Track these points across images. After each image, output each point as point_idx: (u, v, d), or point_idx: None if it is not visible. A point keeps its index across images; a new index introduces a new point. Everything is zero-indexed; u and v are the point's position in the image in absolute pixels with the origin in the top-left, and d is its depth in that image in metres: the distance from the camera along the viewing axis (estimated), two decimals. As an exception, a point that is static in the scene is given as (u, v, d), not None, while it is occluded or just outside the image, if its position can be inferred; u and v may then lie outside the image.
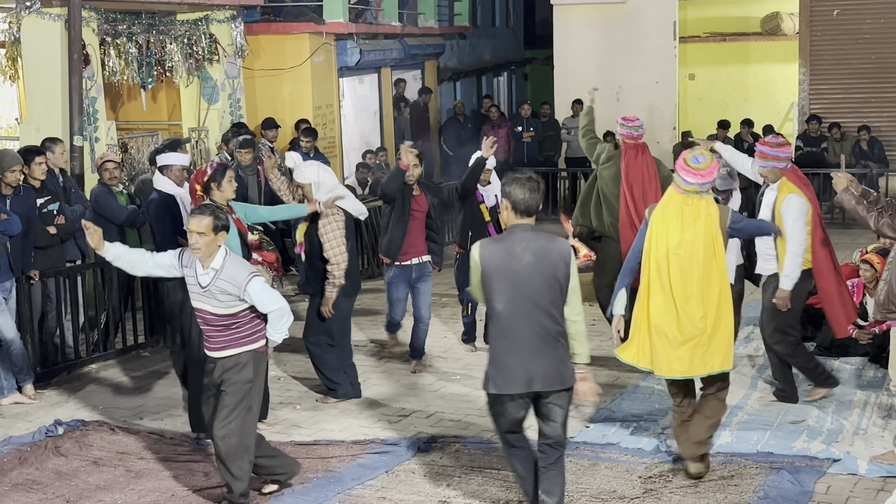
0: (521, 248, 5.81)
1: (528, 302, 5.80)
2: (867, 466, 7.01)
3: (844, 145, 18.16)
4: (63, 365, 9.79)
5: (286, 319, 6.40)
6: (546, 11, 21.84)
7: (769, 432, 7.73)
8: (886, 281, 6.98)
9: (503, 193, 5.94)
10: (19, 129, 12.86)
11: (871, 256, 9.75)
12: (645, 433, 7.80)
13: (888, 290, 6.91)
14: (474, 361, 9.82)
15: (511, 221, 5.91)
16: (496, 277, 5.83)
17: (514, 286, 5.80)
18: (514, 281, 5.80)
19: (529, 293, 5.79)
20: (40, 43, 12.20)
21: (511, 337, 5.84)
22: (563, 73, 19.95)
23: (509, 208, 5.88)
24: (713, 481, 6.82)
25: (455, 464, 7.32)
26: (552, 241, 5.91)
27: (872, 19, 18.79)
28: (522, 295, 5.80)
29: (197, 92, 14.80)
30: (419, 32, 20.35)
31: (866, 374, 9.13)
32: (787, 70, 20.44)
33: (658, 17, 19.34)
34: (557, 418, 5.95)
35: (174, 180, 8.55)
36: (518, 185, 5.84)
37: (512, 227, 5.90)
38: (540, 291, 5.80)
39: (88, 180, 11.68)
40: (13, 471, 7.37)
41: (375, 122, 19.30)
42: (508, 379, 5.84)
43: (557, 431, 5.99)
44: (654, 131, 19.41)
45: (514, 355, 5.83)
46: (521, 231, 5.86)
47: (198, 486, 6.99)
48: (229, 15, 14.80)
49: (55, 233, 9.51)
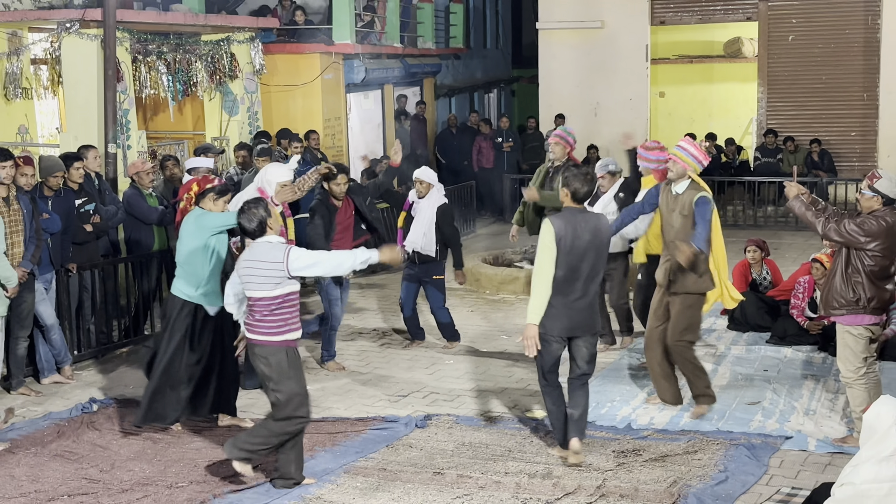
0: (581, 227, 6.52)
1: (581, 270, 6.53)
2: (816, 443, 7.03)
3: (798, 157, 18.17)
4: (97, 349, 9.78)
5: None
6: (532, 35, 21.82)
7: (728, 412, 7.74)
8: (828, 280, 7.00)
9: (564, 183, 6.61)
10: (59, 137, 12.84)
11: (822, 256, 9.80)
12: (618, 412, 7.81)
13: (829, 290, 6.92)
14: (466, 346, 9.83)
15: (568, 205, 6.62)
16: (562, 249, 6.46)
17: (575, 257, 6.50)
18: (575, 253, 6.49)
19: (584, 264, 6.53)
20: (78, 60, 12.20)
21: (564, 295, 6.52)
22: (547, 91, 19.95)
23: (568, 195, 6.60)
24: (678, 455, 6.83)
25: (449, 439, 7.31)
26: (600, 221, 6.71)
27: (823, 44, 18.79)
28: (579, 264, 6.52)
29: (219, 105, 14.79)
30: (418, 53, 20.34)
31: (815, 361, 9.14)
32: (747, 89, 20.43)
33: (632, 40, 19.34)
34: (586, 356, 6.72)
35: None
36: (578, 178, 6.57)
37: (572, 210, 6.60)
38: (591, 262, 6.58)
39: (122, 184, 11.66)
40: (52, 443, 7.37)
41: (379, 134, 19.29)
42: (556, 326, 6.55)
43: (585, 367, 6.74)
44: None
45: (564, 308, 6.54)
46: (580, 213, 6.60)
47: (217, 457, 6.98)
48: (248, 36, 14.80)
49: (91, 230, 9.51)
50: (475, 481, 6.48)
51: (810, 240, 13.89)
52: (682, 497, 6.11)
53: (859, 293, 6.73)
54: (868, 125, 18.55)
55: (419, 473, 6.65)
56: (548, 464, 6.74)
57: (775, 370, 8.86)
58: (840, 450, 6.85)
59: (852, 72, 18.59)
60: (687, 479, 6.40)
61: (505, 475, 6.56)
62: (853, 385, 6.90)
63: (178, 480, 6.62)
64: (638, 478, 6.47)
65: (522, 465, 6.72)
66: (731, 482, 6.35)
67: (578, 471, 6.60)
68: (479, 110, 23.64)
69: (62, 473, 6.77)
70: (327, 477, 6.62)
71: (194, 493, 6.37)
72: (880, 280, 6.75)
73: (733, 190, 18.32)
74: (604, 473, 6.56)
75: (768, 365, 9.00)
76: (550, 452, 6.97)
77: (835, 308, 6.87)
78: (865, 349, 6.87)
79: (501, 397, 8.32)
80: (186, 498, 6.30)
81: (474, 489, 6.36)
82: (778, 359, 9.22)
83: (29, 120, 13.24)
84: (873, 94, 18.38)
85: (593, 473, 6.56)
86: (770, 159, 18.35)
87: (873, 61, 18.29)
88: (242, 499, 6.30)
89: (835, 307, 6.86)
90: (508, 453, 6.99)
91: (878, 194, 6.71)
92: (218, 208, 7.25)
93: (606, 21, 19.33)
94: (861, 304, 6.74)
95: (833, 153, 18.29)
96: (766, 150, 18.50)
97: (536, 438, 7.26)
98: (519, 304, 11.68)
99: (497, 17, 27.11)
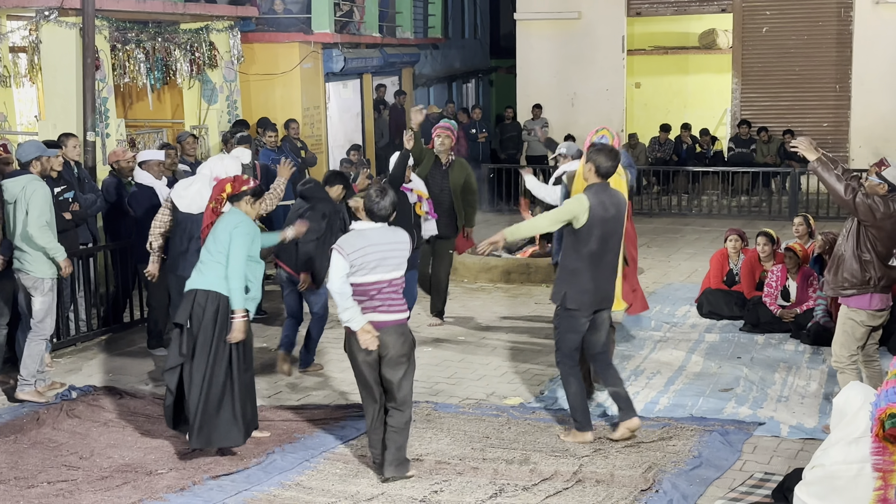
0: (608, 202, 6.63)
1: (609, 243, 6.69)
2: (788, 430, 7.09)
3: (771, 147, 18.28)
4: (77, 336, 9.72)
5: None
6: (510, 25, 21.83)
7: (702, 399, 7.78)
8: (836, 263, 6.91)
9: (588, 159, 6.64)
10: (38, 125, 12.74)
11: (794, 245, 9.87)
12: (593, 400, 7.83)
13: (839, 270, 6.86)
14: (443, 335, 9.83)
15: (593, 181, 6.67)
16: (594, 224, 6.56)
17: (607, 231, 6.63)
18: (604, 227, 6.61)
19: (611, 237, 6.69)
20: (57, 48, 12.08)
21: (595, 268, 6.65)
22: (525, 81, 19.96)
23: (593, 171, 6.64)
24: (654, 442, 6.86)
25: (427, 426, 7.32)
26: (621, 197, 6.82)
27: (796, 36, 18.89)
28: (609, 238, 6.67)
29: (198, 94, 14.70)
30: (397, 42, 20.29)
31: (788, 349, 9.20)
32: (722, 80, 20.51)
33: (609, 31, 19.37)
34: (605, 328, 6.89)
35: (153, 174, 9.29)
36: (603, 155, 6.63)
37: (598, 186, 6.65)
38: (617, 236, 6.76)
39: (100, 172, 11.58)
40: (32, 430, 7.32)
41: (357, 123, 19.24)
42: (584, 300, 6.67)
43: (603, 338, 6.90)
44: (604, 133, 19.49)
45: (594, 282, 6.67)
46: (605, 189, 6.67)
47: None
48: (227, 25, 14.72)
49: (70, 218, 9.43)
50: (453, 467, 6.49)
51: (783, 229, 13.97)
52: (657, 482, 6.15)
53: (870, 272, 6.74)
54: (840, 116, 18.69)
55: (398, 460, 6.65)
56: (525, 450, 6.76)
57: (748, 358, 8.92)
58: (812, 436, 6.91)
59: (825, 63, 18.72)
60: (662, 465, 6.44)
61: (482, 461, 6.57)
62: (845, 370, 6.96)
63: (157, 468, 6.59)
64: (614, 463, 6.50)
65: (500, 452, 6.74)
66: (705, 468, 6.39)
67: (555, 457, 6.63)
68: (457, 100, 23.63)
69: (41, 461, 6.73)
70: (307, 463, 6.61)
71: (174, 480, 6.34)
72: (884, 260, 6.79)
73: (707, 180, 18.41)
74: (580, 459, 6.58)
75: (741, 352, 9.06)
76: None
77: (845, 288, 6.86)
78: (863, 336, 6.92)
79: (479, 385, 8.33)
80: (166, 485, 6.27)
81: (452, 475, 6.37)
82: (751, 346, 9.28)
83: (7, 108, 13.13)
84: (845, 86, 18.50)
85: (570, 459, 6.59)
86: (744, 150, 18.44)
87: (846, 53, 18.41)
88: (222, 485, 6.28)
89: (845, 287, 6.85)
90: (486, 440, 7.00)
91: (884, 181, 6.74)
92: (254, 211, 6.89)
93: (583, 12, 19.35)
94: (872, 283, 6.76)
95: (806, 144, 18.38)
96: (740, 141, 18.58)
97: (514, 425, 7.28)
98: (497, 293, 11.71)
99: (475, 7, 27.08)
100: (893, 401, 3.65)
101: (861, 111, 18.20)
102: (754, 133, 18.59)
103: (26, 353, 8.01)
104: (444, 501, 5.98)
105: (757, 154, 18.34)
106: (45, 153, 8.28)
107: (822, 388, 8.00)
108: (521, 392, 8.08)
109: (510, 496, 6.03)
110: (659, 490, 6.04)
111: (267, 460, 6.66)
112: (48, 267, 8.00)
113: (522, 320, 10.43)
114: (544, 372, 8.59)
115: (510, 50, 21.04)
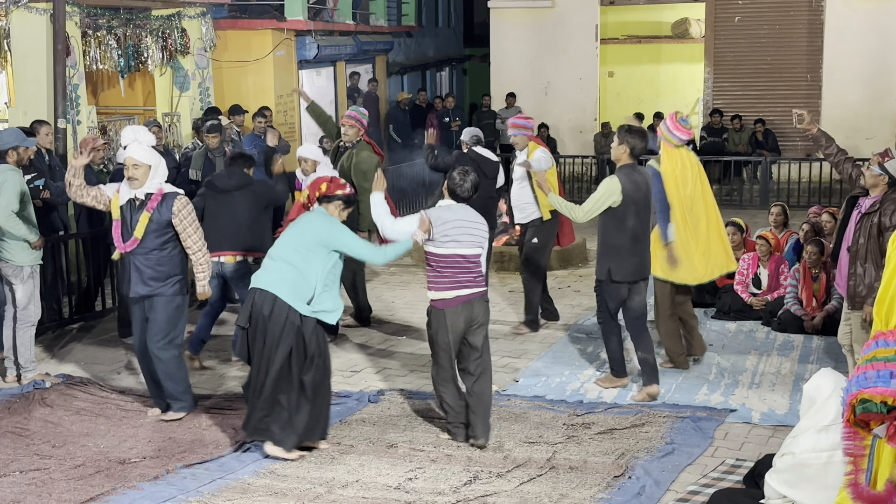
0: (640, 180, 7.29)
1: (643, 218, 7.32)
2: (760, 416, 7.15)
3: (742, 136, 18.39)
4: (48, 325, 9.63)
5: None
6: (484, 13, 21.79)
7: (675, 386, 7.84)
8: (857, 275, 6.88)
9: (621, 140, 7.24)
10: (8, 112, 12.61)
11: (767, 234, 9.94)
12: (568, 386, 7.87)
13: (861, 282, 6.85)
14: (418, 324, 9.83)
15: (624, 162, 7.31)
16: (628, 202, 7.20)
17: (639, 207, 7.26)
18: (638, 204, 7.25)
19: (643, 213, 7.32)
20: (27, 34, 11.95)
21: (635, 242, 7.30)
22: (499, 69, 19.96)
23: (627, 152, 7.29)
24: (626, 429, 6.90)
25: (401, 413, 7.33)
26: (648, 175, 7.47)
27: (769, 25, 18.99)
28: (641, 213, 7.29)
29: (170, 80, 14.58)
30: (371, 30, 20.21)
31: (759, 336, 9.28)
32: (694, 69, 20.59)
33: (582, 20, 19.40)
34: (644, 296, 7.50)
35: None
36: (637, 137, 7.28)
37: (630, 166, 7.30)
38: (648, 212, 7.40)
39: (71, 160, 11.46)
40: (3, 419, 7.26)
41: (331, 111, 19.14)
42: (627, 270, 7.34)
43: (643, 307, 7.51)
44: (577, 122, 19.54)
45: (633, 255, 7.33)
46: (635, 168, 7.33)
47: (170, 434, 6.94)
48: (199, 11, 14.59)
49: (41, 206, 9.35)
50: (427, 455, 6.51)
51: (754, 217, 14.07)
52: (630, 469, 6.19)
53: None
54: (811, 105, 18.75)
55: (373, 447, 6.66)
56: (499, 437, 6.78)
57: (720, 345, 8.98)
58: (783, 422, 6.98)
59: (796, 53, 18.82)
60: (634, 452, 6.48)
61: (457, 448, 6.59)
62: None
63: (130, 456, 6.56)
64: (587, 450, 6.53)
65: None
66: (677, 454, 6.43)
67: (529, 444, 6.65)
68: (430, 88, 23.59)
69: (13, 450, 6.68)
70: (281, 451, 6.60)
71: (147, 469, 6.32)
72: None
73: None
74: (554, 446, 6.61)
75: (713, 339, 9.11)
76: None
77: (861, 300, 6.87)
78: None
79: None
80: (139, 473, 6.25)
81: (426, 462, 6.38)
82: (722, 333, 9.35)
83: (-23, 94, 13.00)
84: (816, 76, 18.62)
85: (543, 446, 6.62)
86: (716, 139, 18.53)
87: (817, 43, 18.52)
88: (196, 474, 6.26)
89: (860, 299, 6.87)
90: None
91: (885, 173, 6.74)
92: (342, 218, 6.58)
93: (557, 1, 19.36)
94: None
95: (777, 133, 18.52)
96: (712, 130, 18.67)
97: (488, 412, 7.29)
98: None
99: (449, -5, 27.01)
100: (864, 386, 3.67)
101: (832, 100, 18.32)
102: (727, 122, 18.69)
103: (18, 342, 8.06)
104: (418, 488, 5.99)
105: (729, 143, 18.45)
106: (23, 143, 8.27)
107: (793, 375, 8.08)
108: (495, 380, 8.08)
109: (484, 483, 6.05)
110: (632, 476, 6.08)
111: (241, 448, 6.65)
112: (27, 254, 8.00)
113: (496, 309, 10.45)
114: (518, 361, 8.61)
115: (484, 38, 21.02)
